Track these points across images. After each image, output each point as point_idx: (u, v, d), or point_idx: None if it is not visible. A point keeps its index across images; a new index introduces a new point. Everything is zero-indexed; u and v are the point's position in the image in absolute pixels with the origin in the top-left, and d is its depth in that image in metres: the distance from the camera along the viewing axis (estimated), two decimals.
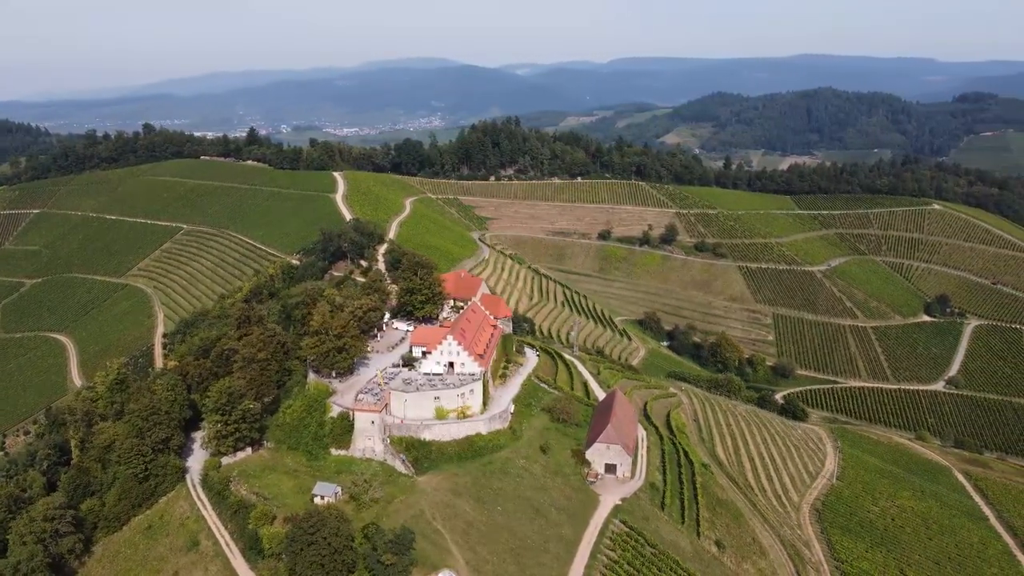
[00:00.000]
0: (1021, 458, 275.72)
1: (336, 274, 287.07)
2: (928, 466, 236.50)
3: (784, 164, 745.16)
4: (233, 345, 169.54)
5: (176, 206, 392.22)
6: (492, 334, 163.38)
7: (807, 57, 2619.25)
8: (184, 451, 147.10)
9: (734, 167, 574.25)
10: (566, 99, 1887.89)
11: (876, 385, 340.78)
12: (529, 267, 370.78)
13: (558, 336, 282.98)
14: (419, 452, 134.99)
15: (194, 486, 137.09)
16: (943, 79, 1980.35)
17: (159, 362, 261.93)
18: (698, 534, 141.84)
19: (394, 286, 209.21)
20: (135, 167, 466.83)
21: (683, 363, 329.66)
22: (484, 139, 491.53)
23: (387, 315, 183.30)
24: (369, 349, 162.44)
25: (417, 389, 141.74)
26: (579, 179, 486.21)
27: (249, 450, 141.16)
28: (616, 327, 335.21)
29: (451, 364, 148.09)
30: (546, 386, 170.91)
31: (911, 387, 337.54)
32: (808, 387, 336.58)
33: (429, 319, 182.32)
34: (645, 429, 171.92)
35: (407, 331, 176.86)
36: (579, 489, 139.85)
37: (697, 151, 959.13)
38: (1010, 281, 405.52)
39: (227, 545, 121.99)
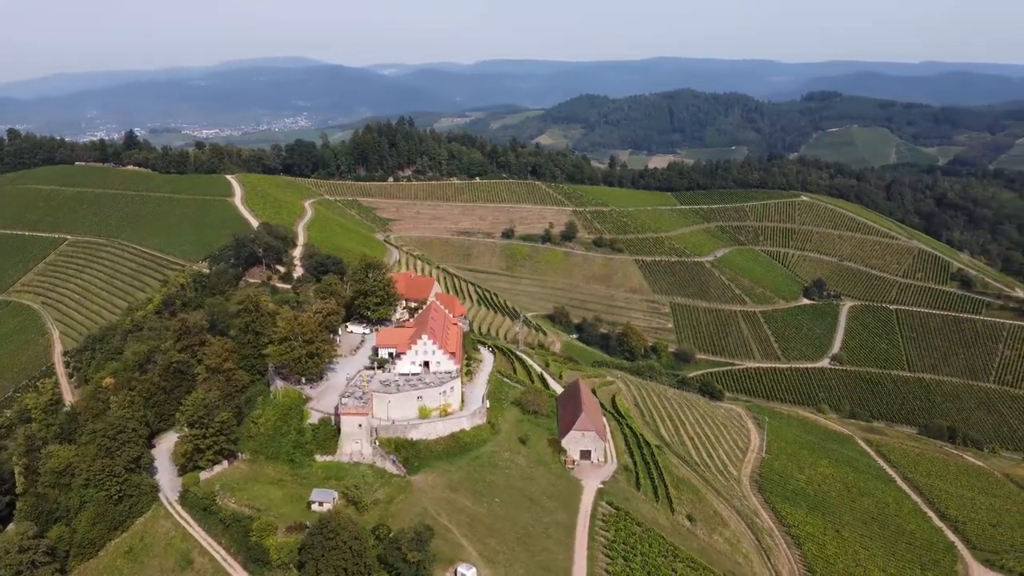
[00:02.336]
0: (905, 425, 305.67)
1: (252, 281, 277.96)
2: (834, 436, 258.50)
3: (650, 163, 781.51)
4: (180, 358, 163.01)
5: (56, 215, 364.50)
6: (457, 332, 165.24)
7: (662, 60, 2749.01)
8: (148, 469, 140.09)
9: (618, 167, 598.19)
10: (436, 100, 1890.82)
11: (770, 365, 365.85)
12: (438, 267, 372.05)
13: (501, 335, 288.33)
14: (408, 452, 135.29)
15: (171, 504, 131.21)
16: (787, 79, 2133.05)
17: (64, 381, 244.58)
18: (672, 510, 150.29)
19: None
20: (2, 175, 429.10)
21: (595, 353, 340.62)
22: (380, 139, 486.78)
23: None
24: (334, 353, 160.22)
25: (398, 389, 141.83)
26: (477, 179, 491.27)
27: (225, 463, 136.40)
28: (530, 322, 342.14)
29: (426, 363, 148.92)
30: (509, 380, 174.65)
31: (801, 365, 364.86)
32: (709, 370, 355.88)
33: (382, 321, 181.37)
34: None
35: (364, 334, 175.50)
36: (562, 476, 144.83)
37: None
38: (878, 264, 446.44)
39: (224, 560, 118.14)
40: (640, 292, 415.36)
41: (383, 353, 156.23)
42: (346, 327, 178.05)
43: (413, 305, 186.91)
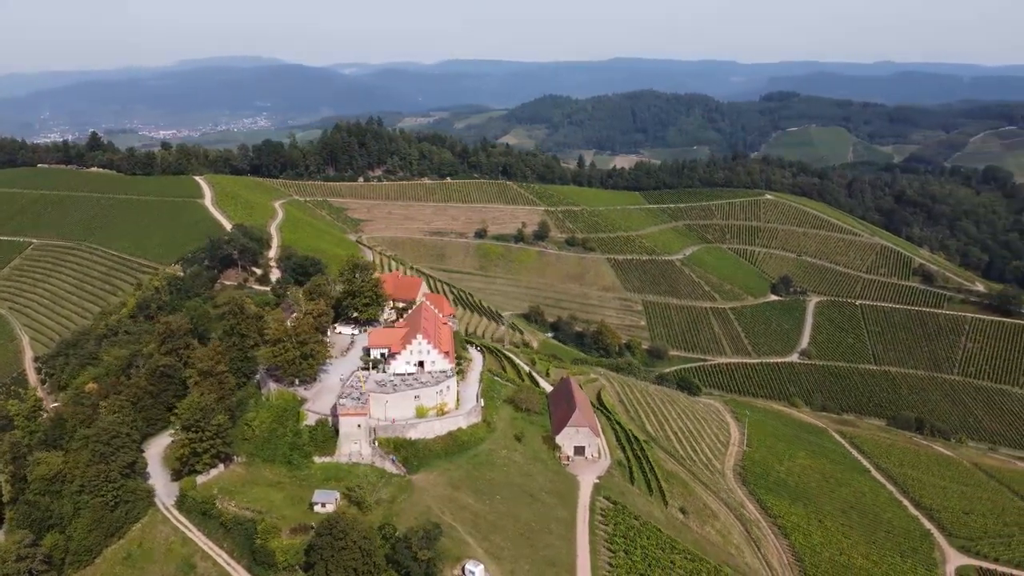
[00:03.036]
0: (874, 418, 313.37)
1: (228, 283, 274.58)
2: (809, 428, 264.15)
3: (615, 163, 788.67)
4: (166, 361, 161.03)
5: (20, 219, 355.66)
6: (449, 332, 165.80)
7: (622, 60, 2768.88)
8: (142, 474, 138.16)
9: (587, 167, 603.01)
10: (399, 100, 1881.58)
11: (741, 360, 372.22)
12: (412, 268, 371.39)
13: (479, 334, 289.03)
14: (408, 451, 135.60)
15: (167, 509, 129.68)
16: (745, 79, 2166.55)
17: (38, 388, 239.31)
18: (665, 503, 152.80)
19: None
20: None
21: (572, 351, 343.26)
22: (350, 139, 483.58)
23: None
24: (328, 354, 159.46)
25: (395, 389, 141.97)
26: (449, 179, 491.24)
27: (222, 467, 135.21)
28: (507, 322, 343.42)
29: (421, 363, 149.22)
30: (500, 379, 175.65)
31: (771, 360, 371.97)
32: (682, 366, 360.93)
33: (370, 322, 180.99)
34: None
35: (353, 334, 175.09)
36: (558, 472, 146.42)
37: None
38: (842, 260, 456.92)
39: (227, 564, 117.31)
40: (613, 290, 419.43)
41: (375, 353, 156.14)
42: (335, 328, 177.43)
43: (401, 305, 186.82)
